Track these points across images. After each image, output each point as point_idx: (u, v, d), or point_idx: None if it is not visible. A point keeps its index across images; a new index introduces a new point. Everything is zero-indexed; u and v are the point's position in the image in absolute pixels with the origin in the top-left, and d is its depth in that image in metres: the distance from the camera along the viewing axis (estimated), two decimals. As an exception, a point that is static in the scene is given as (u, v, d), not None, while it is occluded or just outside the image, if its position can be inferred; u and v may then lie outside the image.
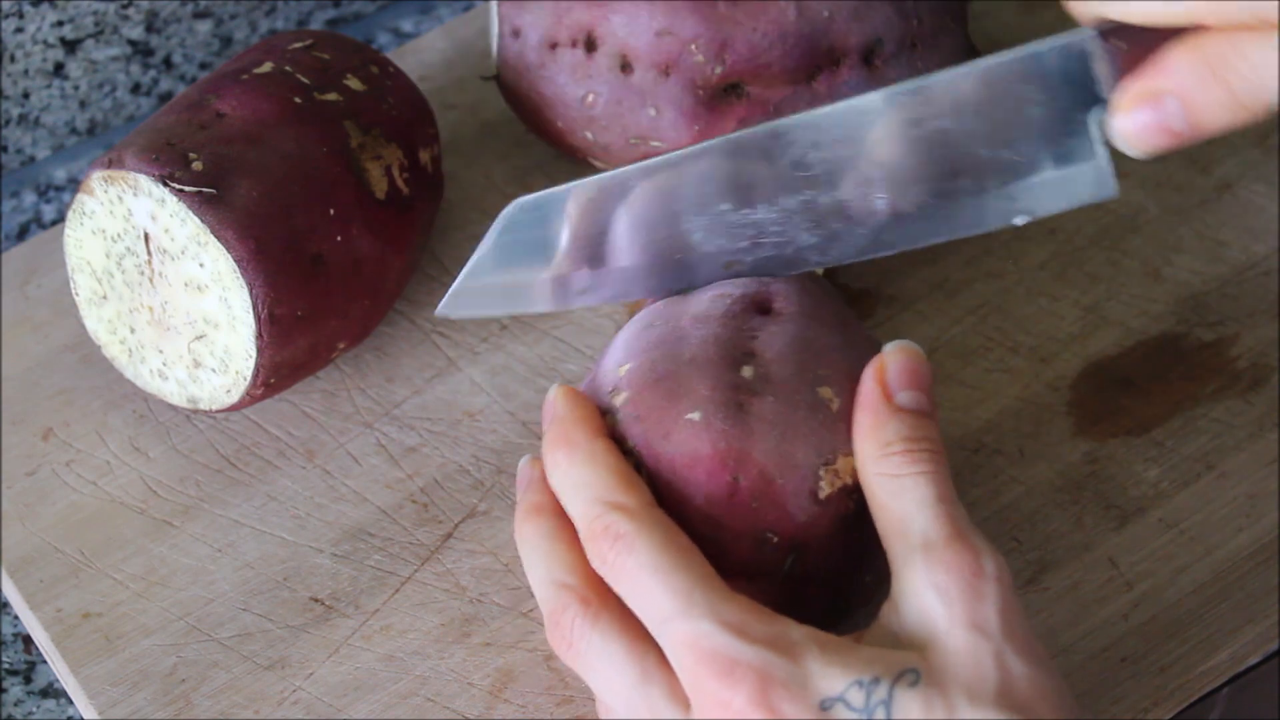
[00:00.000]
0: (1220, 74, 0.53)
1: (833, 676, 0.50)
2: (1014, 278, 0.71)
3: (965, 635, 0.50)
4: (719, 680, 0.50)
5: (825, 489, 0.55)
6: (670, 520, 0.54)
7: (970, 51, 0.70)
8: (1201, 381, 0.68)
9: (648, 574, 0.52)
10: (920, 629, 0.51)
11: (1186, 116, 0.54)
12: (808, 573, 0.55)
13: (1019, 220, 0.59)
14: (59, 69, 0.78)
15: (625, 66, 0.68)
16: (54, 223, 0.80)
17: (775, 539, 0.54)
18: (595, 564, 0.54)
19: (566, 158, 0.75)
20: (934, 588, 0.51)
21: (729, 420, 0.55)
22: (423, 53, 0.79)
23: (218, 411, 0.66)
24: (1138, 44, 0.55)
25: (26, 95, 0.78)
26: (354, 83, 0.67)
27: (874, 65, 0.68)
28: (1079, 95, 0.57)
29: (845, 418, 0.56)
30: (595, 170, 0.74)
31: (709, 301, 0.59)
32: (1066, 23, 0.78)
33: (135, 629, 0.63)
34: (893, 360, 0.56)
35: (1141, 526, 0.64)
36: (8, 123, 0.79)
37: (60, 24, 0.76)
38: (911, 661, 0.50)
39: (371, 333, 0.69)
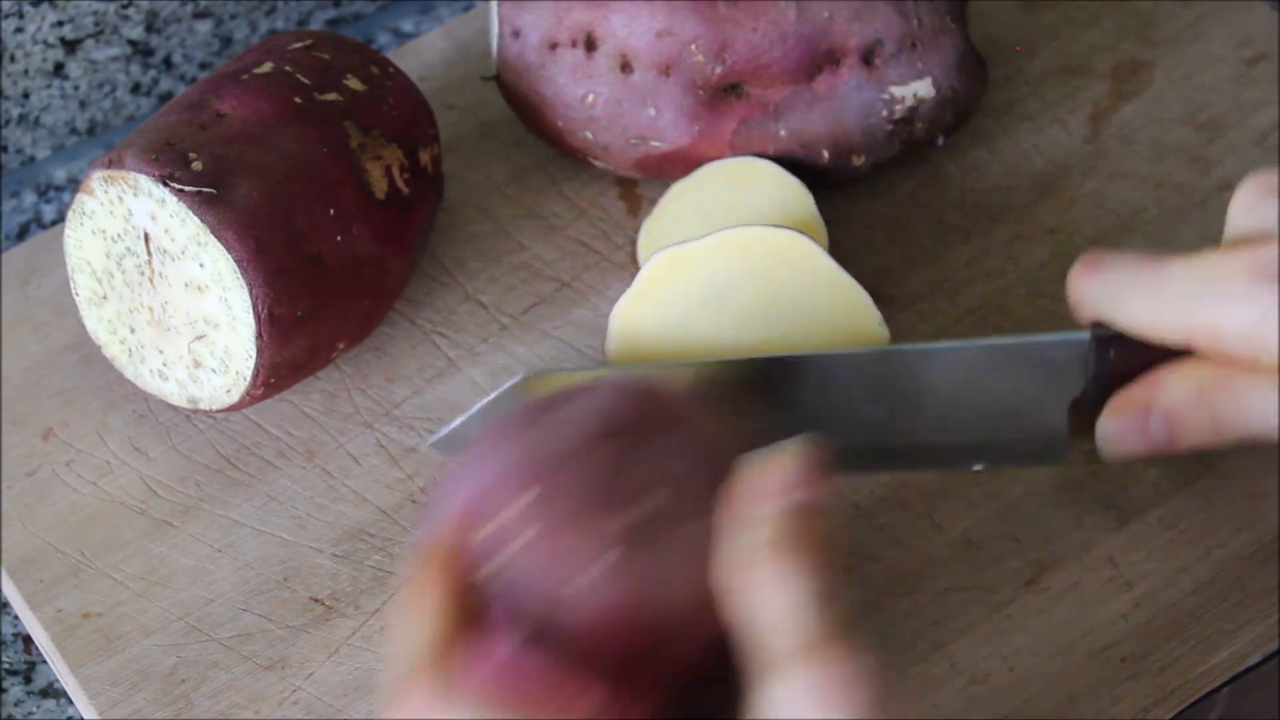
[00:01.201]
0: (1210, 402, 0.55)
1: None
2: (1014, 278, 0.71)
3: None
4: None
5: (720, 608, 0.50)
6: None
7: (970, 52, 0.70)
8: (1201, 381, 0.68)
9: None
10: None
11: (1168, 432, 0.56)
12: (701, 694, 0.51)
13: (976, 468, 0.62)
14: (59, 69, 0.78)
15: (625, 66, 0.68)
16: (54, 223, 0.80)
17: (676, 660, 0.50)
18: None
19: (566, 157, 0.75)
20: (792, 702, 0.47)
21: (632, 553, 0.49)
22: (423, 53, 0.79)
23: (218, 411, 0.66)
24: (1131, 354, 0.57)
25: (26, 95, 0.78)
26: (354, 83, 0.67)
27: (874, 65, 0.68)
28: (1067, 384, 0.59)
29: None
30: (595, 170, 0.74)
31: (574, 421, 0.51)
32: (1065, 22, 0.79)
33: (135, 629, 0.63)
34: (760, 470, 0.51)
35: (1141, 526, 0.64)
36: (8, 123, 0.79)
37: (60, 24, 0.76)
38: None
39: (371, 333, 0.69)
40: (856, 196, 0.73)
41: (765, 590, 0.49)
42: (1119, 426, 0.58)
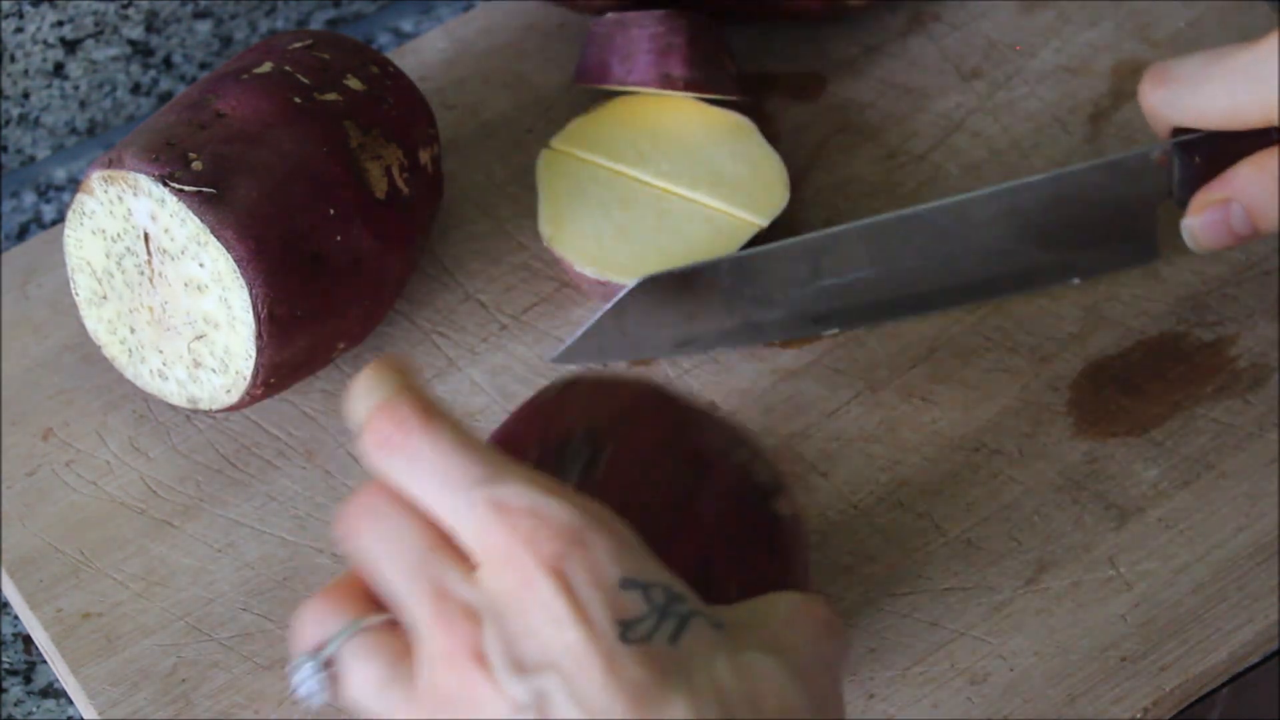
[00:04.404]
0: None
1: (646, 569, 0.46)
2: (1014, 278, 0.71)
3: None
4: (524, 534, 0.45)
5: None
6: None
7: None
8: (1201, 381, 0.68)
9: (451, 445, 0.47)
10: None
11: (1248, 219, 0.63)
12: None
13: (1075, 281, 0.69)
14: (59, 69, 0.78)
15: None
16: (54, 223, 0.80)
17: None
18: (378, 456, 0.49)
19: (566, 158, 0.75)
20: None
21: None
22: (423, 53, 0.79)
23: (218, 411, 0.66)
24: (1208, 158, 0.63)
25: (26, 95, 0.78)
26: (354, 83, 0.67)
27: None
28: (1149, 193, 0.66)
29: None
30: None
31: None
32: (1065, 22, 0.79)
33: (135, 629, 0.63)
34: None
35: (1141, 526, 0.64)
36: (8, 123, 0.79)
37: (60, 24, 0.76)
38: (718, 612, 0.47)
39: (371, 333, 0.69)
40: (855, 195, 0.73)
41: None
42: (1203, 221, 0.63)
